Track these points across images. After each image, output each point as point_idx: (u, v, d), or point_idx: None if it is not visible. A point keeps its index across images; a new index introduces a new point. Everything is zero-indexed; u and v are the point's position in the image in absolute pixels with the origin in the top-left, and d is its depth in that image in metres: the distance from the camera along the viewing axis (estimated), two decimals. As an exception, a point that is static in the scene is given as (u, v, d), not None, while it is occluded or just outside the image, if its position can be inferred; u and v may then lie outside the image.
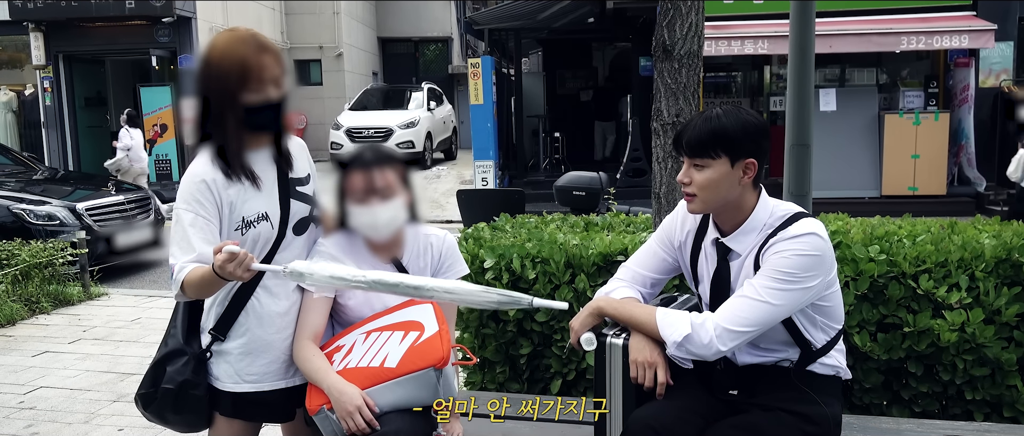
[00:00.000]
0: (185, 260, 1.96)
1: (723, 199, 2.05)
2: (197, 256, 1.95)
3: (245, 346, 2.12)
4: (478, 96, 12.64)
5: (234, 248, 1.83)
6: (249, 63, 1.96)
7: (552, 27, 14.08)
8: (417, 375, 2.06)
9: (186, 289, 1.97)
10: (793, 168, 3.31)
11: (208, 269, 1.90)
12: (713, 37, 10.21)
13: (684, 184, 2.07)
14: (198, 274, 1.94)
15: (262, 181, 2.08)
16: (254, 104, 1.99)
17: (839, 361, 2.14)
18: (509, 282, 3.18)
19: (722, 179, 2.01)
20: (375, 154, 2.20)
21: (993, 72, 11.49)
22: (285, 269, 1.93)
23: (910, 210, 4.29)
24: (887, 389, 2.98)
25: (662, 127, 3.25)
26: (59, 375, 4.69)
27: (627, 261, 2.34)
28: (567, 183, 7.00)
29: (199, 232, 1.98)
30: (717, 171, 2.01)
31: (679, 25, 3.19)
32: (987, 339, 2.77)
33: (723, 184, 2.02)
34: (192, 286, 1.96)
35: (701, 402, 2.10)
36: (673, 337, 2.01)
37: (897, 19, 10.62)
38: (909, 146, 10.81)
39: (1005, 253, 2.86)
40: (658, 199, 3.30)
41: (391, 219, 2.16)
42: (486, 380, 3.34)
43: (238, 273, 1.85)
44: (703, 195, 2.04)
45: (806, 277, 1.97)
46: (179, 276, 1.96)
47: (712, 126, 2.01)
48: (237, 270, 1.84)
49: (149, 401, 2.16)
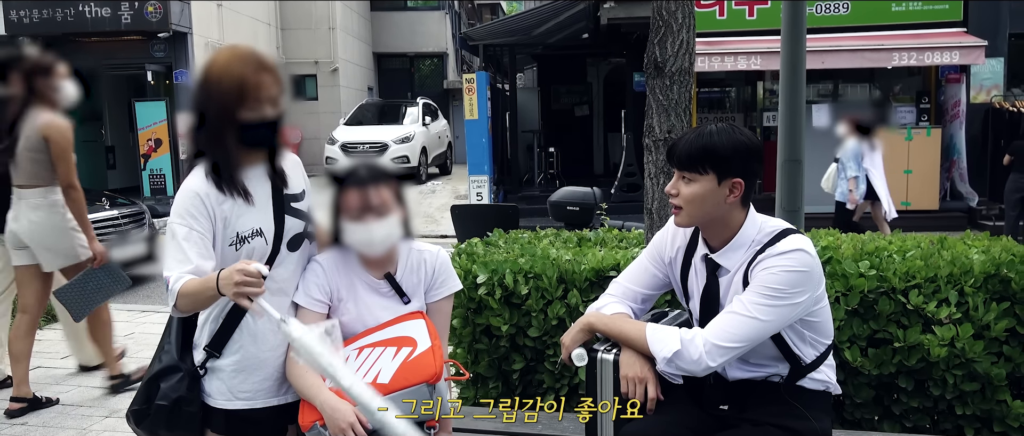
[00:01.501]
0: (181, 271, 1.94)
1: (708, 215, 2.07)
2: (194, 268, 1.94)
3: (238, 363, 2.12)
4: (473, 111, 12.68)
5: (259, 267, 1.82)
6: (247, 82, 1.97)
7: (546, 43, 14.17)
8: (410, 391, 2.07)
9: (180, 301, 1.96)
10: (785, 184, 3.34)
11: (204, 281, 1.90)
12: (705, 53, 10.28)
13: (671, 195, 2.10)
14: (193, 286, 1.92)
15: (256, 197, 2.08)
16: (250, 121, 2.00)
17: (829, 376, 2.15)
18: (502, 297, 3.19)
19: (708, 195, 2.04)
20: (370, 170, 2.21)
21: (984, 88, 11.60)
22: (282, 321, 1.88)
23: (903, 225, 4.32)
24: (878, 404, 2.99)
25: (654, 143, 3.27)
26: (51, 390, 4.67)
27: (618, 277, 2.36)
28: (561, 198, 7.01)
29: (194, 246, 1.97)
30: (703, 186, 2.04)
31: (670, 42, 3.22)
32: (977, 354, 2.78)
33: (709, 200, 2.04)
34: (186, 298, 1.94)
35: (691, 417, 2.11)
36: (663, 353, 2.02)
37: (889, 35, 10.72)
38: (901, 161, 10.87)
39: (994, 268, 2.88)
40: (650, 214, 3.32)
41: (386, 235, 2.17)
42: (479, 395, 3.34)
43: (243, 292, 1.81)
44: (689, 209, 2.07)
45: (794, 293, 1.98)
46: (174, 287, 1.94)
47: (703, 142, 2.04)
48: (243, 290, 1.81)
49: (142, 418, 2.16)
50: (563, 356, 2.18)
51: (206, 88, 2.01)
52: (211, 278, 1.88)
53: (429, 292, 2.29)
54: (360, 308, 2.22)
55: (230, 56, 2.02)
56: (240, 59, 2.00)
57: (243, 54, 2.02)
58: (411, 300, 2.26)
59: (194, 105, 2.04)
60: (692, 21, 3.27)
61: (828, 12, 11.20)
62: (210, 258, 1.99)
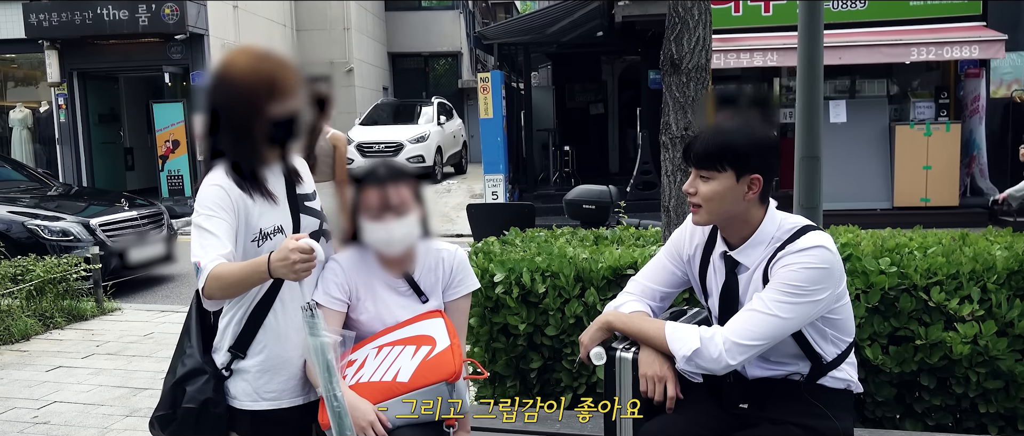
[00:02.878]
0: (214, 254, 1.92)
1: (727, 212, 2.05)
2: (227, 253, 1.94)
3: (263, 364, 2.12)
4: (488, 110, 12.68)
5: (310, 242, 1.84)
6: (277, 79, 2.01)
7: (561, 41, 14.13)
8: (429, 389, 2.07)
9: (211, 285, 1.92)
10: (803, 181, 3.31)
11: (252, 264, 1.89)
12: (721, 49, 10.22)
13: (689, 194, 2.08)
14: (234, 270, 1.90)
15: (276, 195, 2.10)
16: (279, 116, 2.02)
17: (850, 375, 2.13)
18: (520, 296, 3.19)
19: (727, 192, 2.02)
20: (388, 169, 2.22)
21: (1004, 82, 11.46)
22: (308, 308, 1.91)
23: (923, 222, 4.27)
24: (900, 402, 2.96)
25: (671, 140, 3.26)
26: (73, 390, 4.72)
27: (636, 275, 2.35)
28: (577, 197, 7.01)
29: (223, 232, 1.97)
30: (722, 184, 2.02)
31: (686, 39, 3.20)
32: (1000, 352, 2.75)
33: (727, 197, 2.03)
34: (221, 281, 1.91)
35: (711, 416, 2.10)
36: (682, 352, 2.01)
37: (907, 30, 10.61)
38: (920, 157, 10.76)
39: (1017, 265, 2.84)
40: (668, 212, 3.30)
41: (405, 235, 2.18)
42: (497, 394, 3.34)
43: (303, 269, 1.84)
44: (707, 207, 2.05)
45: (815, 290, 1.97)
46: (207, 268, 1.91)
47: (720, 140, 2.02)
48: (302, 267, 1.84)
49: (167, 422, 2.13)
50: (582, 355, 2.17)
51: (231, 88, 2.01)
52: (260, 261, 1.88)
53: (447, 291, 2.29)
54: (379, 307, 2.23)
55: (252, 55, 2.04)
56: (262, 58, 2.03)
57: (263, 53, 2.05)
58: (429, 299, 2.26)
59: (213, 107, 2.06)
60: (708, 17, 3.25)
61: (845, 7, 11.09)
62: (235, 247, 2.00)
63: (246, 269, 1.91)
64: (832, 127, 10.38)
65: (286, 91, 2.02)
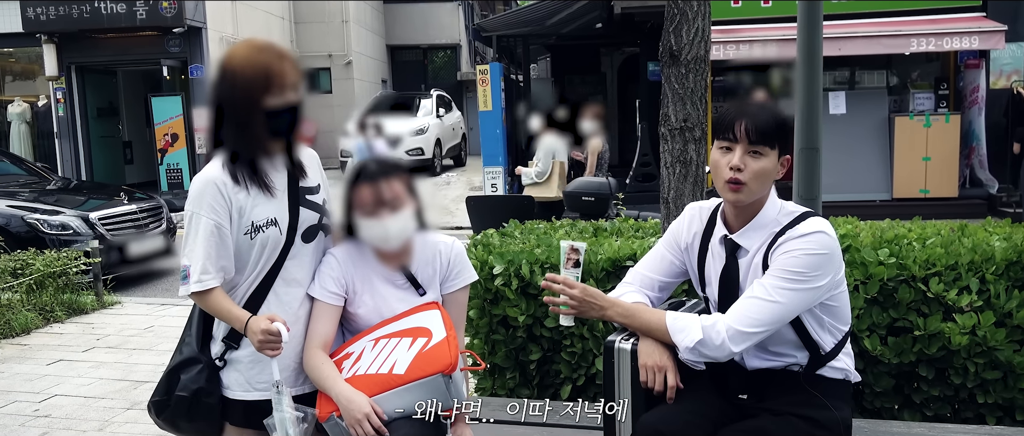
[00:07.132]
0: (205, 280, 2.04)
1: (763, 191, 2.05)
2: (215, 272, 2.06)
3: (256, 354, 2.13)
4: (487, 102, 12.65)
5: (280, 327, 2.01)
6: (273, 69, 2.03)
7: (560, 33, 14.10)
8: (426, 381, 2.07)
9: (194, 298, 2.09)
10: (803, 172, 3.30)
11: (232, 313, 2.06)
12: (720, 41, 10.20)
13: (736, 171, 1.99)
14: (219, 307, 2.06)
15: (273, 187, 2.11)
16: (275, 108, 2.04)
17: (848, 364, 2.13)
18: (519, 288, 3.19)
19: (771, 170, 2.02)
20: (384, 163, 2.22)
21: (1004, 73, 11.44)
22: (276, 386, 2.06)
23: (922, 213, 4.27)
24: (898, 393, 2.96)
25: (670, 132, 3.26)
26: (73, 383, 4.72)
27: (636, 265, 2.35)
28: (576, 189, 7.00)
29: (216, 248, 2.05)
30: (771, 161, 2.01)
31: (686, 30, 3.20)
32: (998, 342, 2.75)
33: (771, 175, 2.03)
34: (203, 302, 2.09)
35: (711, 406, 2.11)
36: (685, 342, 2.02)
37: (906, 21, 10.58)
38: (920, 148, 10.74)
39: (1015, 255, 2.85)
40: (667, 204, 3.30)
41: (401, 229, 2.18)
42: (496, 386, 3.35)
43: (263, 349, 2.04)
44: (753, 184, 2.01)
45: (815, 276, 1.97)
46: (195, 286, 2.04)
47: (771, 117, 2.01)
48: (264, 349, 2.04)
49: (162, 408, 2.19)
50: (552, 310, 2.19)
51: (230, 80, 2.05)
52: (240, 317, 2.06)
53: (445, 283, 2.30)
54: (376, 300, 2.23)
55: (251, 48, 2.07)
56: (261, 50, 2.06)
57: (262, 45, 2.08)
58: (427, 291, 2.26)
59: (216, 99, 2.08)
60: (707, 8, 3.24)
61: (844, -2, 11.07)
62: (230, 258, 2.07)
63: (226, 314, 2.08)
64: (831, 118, 10.35)
65: (283, 82, 2.04)
